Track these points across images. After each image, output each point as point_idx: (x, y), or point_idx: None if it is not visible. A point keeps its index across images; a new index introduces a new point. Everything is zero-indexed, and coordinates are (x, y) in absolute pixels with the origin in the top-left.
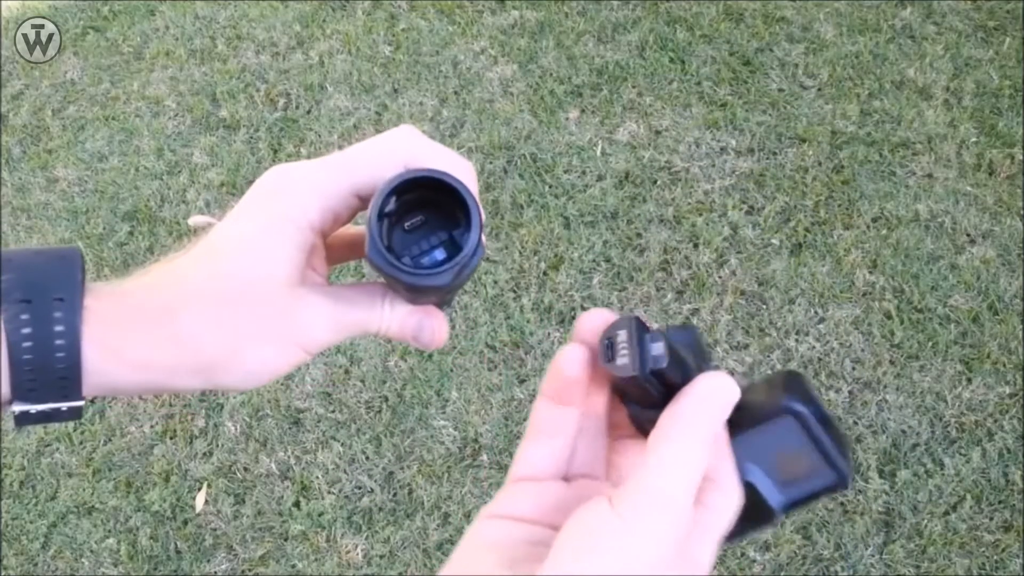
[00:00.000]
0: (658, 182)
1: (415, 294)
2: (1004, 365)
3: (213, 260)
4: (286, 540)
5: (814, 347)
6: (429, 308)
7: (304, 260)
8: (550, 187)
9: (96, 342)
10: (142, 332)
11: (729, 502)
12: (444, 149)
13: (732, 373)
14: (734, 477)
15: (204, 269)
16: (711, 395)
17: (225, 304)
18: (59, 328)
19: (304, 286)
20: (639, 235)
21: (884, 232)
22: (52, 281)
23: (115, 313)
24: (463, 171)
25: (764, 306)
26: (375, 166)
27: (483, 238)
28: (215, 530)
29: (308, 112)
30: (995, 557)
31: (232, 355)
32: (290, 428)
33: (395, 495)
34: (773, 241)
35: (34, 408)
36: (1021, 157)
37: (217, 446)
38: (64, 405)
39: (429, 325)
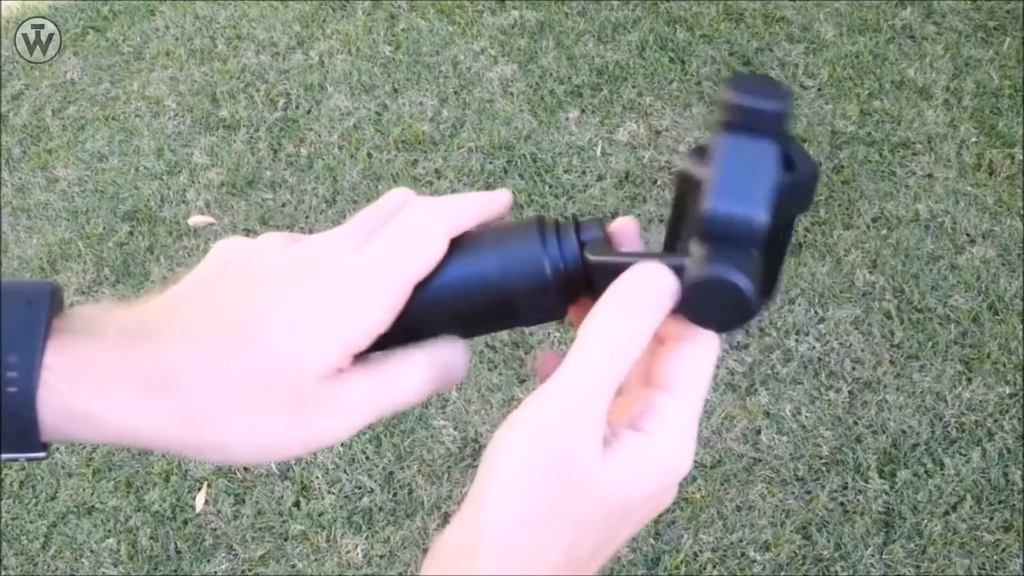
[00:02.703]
0: (658, 182)
1: None
2: (1004, 365)
3: (241, 334)
4: (286, 540)
5: (814, 347)
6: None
7: (349, 356)
8: (550, 187)
9: (55, 406)
10: (126, 394)
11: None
12: (472, 195)
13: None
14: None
15: (227, 341)
16: (641, 279)
17: (244, 384)
18: (12, 389)
19: (338, 377)
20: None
21: (884, 232)
22: (10, 336)
23: (89, 369)
24: (503, 199)
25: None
26: (432, 251)
27: None
28: (215, 530)
29: (308, 112)
30: (995, 557)
31: (235, 442)
32: None
33: (395, 495)
34: None
35: None
36: (1021, 157)
37: None
38: (22, 456)
39: (454, 359)
